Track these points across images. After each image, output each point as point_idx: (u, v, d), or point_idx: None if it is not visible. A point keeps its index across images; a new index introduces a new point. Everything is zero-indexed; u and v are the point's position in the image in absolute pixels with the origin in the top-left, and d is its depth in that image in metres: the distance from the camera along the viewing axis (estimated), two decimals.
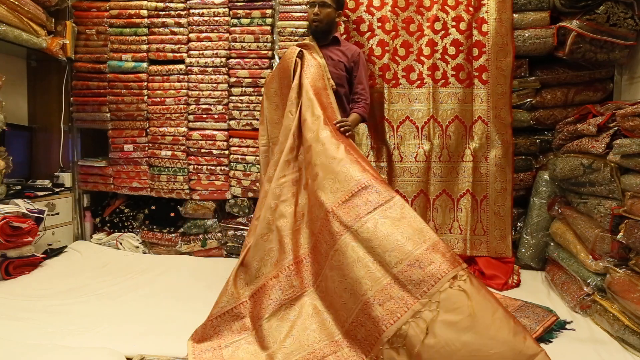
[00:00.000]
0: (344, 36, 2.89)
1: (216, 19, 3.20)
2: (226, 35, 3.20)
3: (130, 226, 3.38)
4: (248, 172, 3.19)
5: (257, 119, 3.20)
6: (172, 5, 3.26)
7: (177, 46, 3.26)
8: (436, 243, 1.63)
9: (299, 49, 2.35)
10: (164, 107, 3.28)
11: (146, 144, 3.33)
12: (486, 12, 2.87)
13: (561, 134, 2.62)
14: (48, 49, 3.11)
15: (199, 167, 3.25)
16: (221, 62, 3.21)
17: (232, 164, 3.23)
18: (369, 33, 2.90)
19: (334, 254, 1.72)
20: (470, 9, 2.86)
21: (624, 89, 2.87)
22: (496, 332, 1.42)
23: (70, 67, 3.37)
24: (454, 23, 2.88)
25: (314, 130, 2.01)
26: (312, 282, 1.82)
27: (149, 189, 3.34)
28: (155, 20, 3.27)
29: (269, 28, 3.15)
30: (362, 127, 2.92)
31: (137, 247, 3.28)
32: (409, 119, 2.93)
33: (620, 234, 1.91)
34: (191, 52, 3.24)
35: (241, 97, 3.20)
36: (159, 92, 3.28)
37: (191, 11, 3.24)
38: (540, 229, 2.79)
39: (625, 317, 1.85)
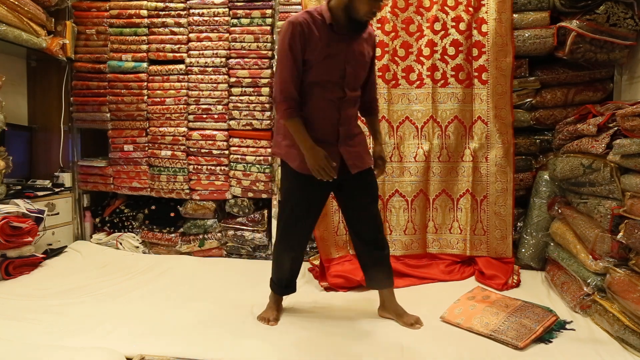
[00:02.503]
0: None
1: (216, 19, 3.20)
2: (226, 35, 3.20)
3: (130, 226, 3.38)
4: (248, 172, 3.19)
5: (257, 119, 3.20)
6: (172, 5, 3.26)
7: (177, 46, 3.26)
8: None
9: None
10: (164, 107, 3.28)
11: (146, 144, 3.33)
12: (486, 12, 2.87)
13: (561, 134, 2.62)
14: (48, 49, 3.11)
15: (199, 167, 3.25)
16: (221, 62, 3.20)
17: (232, 164, 3.23)
18: None
19: None
20: (470, 9, 2.86)
21: (624, 89, 2.87)
22: None
23: (70, 67, 3.37)
24: (453, 23, 2.88)
25: None
26: None
27: (149, 189, 3.34)
28: (155, 20, 3.27)
29: (269, 28, 3.15)
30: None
31: (137, 247, 3.28)
32: (409, 119, 2.93)
33: (620, 234, 1.91)
34: (191, 52, 3.24)
35: (241, 97, 3.19)
36: (159, 92, 3.28)
37: (191, 11, 3.24)
38: (540, 229, 2.79)
39: (625, 317, 1.85)
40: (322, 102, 1.94)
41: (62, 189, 3.29)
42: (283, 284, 2.18)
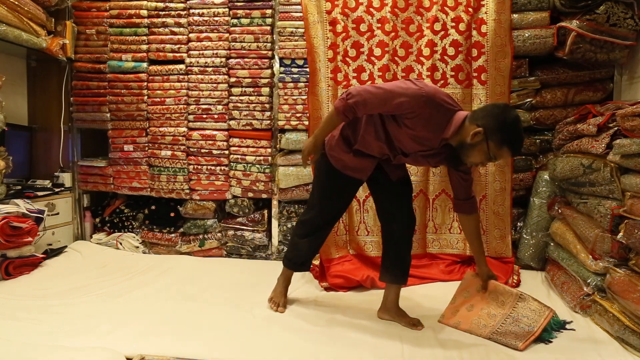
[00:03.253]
0: (343, 34, 2.89)
1: (216, 19, 3.20)
2: (226, 35, 3.20)
3: (130, 226, 3.38)
4: (248, 172, 3.19)
5: (257, 119, 3.20)
6: (172, 5, 3.26)
7: (177, 46, 3.26)
8: None
9: None
10: (164, 107, 3.28)
11: (146, 144, 3.33)
12: (485, 12, 2.87)
13: (561, 134, 2.62)
14: (48, 49, 3.11)
15: (199, 167, 3.25)
16: (221, 62, 3.21)
17: (232, 164, 3.23)
18: (368, 33, 2.90)
19: None
20: (470, 9, 2.86)
21: (624, 89, 2.87)
22: None
23: (70, 67, 3.37)
24: (453, 24, 2.88)
25: None
26: None
27: (149, 189, 3.34)
28: (155, 20, 3.27)
29: (269, 28, 3.15)
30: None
31: (137, 247, 3.28)
32: None
33: (620, 234, 1.91)
34: (191, 52, 3.24)
35: (241, 97, 3.20)
36: (159, 92, 3.28)
37: (191, 11, 3.24)
38: (540, 229, 2.79)
39: (625, 317, 1.85)
40: (377, 148, 1.97)
41: (62, 189, 3.29)
42: (299, 261, 2.26)
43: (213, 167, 3.24)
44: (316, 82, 2.90)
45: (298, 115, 3.09)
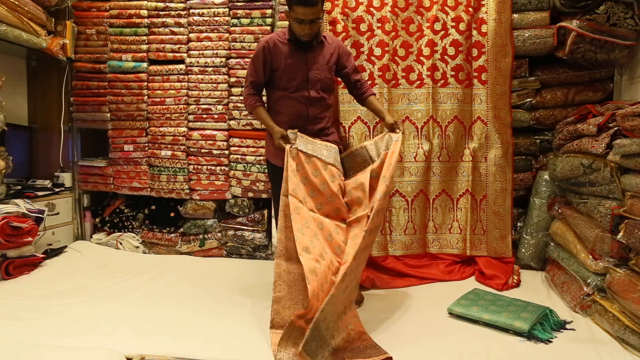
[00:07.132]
0: (343, 34, 2.89)
1: (216, 19, 3.20)
2: (226, 35, 3.20)
3: (130, 226, 3.38)
4: (248, 172, 3.19)
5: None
6: (172, 5, 3.26)
7: (177, 46, 3.26)
8: None
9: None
10: (164, 107, 3.28)
11: (146, 144, 3.33)
12: (485, 12, 2.87)
13: (561, 134, 2.62)
14: (48, 49, 3.11)
15: (199, 167, 3.25)
16: (221, 62, 3.21)
17: (232, 164, 3.23)
18: (368, 33, 2.90)
19: None
20: (470, 9, 2.86)
21: (624, 89, 2.87)
22: None
23: (70, 67, 3.37)
24: (453, 23, 2.88)
25: None
26: None
27: (149, 189, 3.34)
28: (155, 20, 3.27)
29: (269, 28, 3.15)
30: (362, 127, 2.92)
31: (137, 247, 3.28)
32: (409, 119, 2.93)
33: (620, 234, 1.92)
34: (191, 52, 3.24)
35: (241, 97, 3.20)
36: (159, 92, 3.28)
37: (191, 11, 3.24)
38: (540, 229, 2.79)
39: (625, 317, 1.85)
40: (291, 101, 2.32)
41: (62, 189, 3.29)
42: None
43: (213, 167, 3.24)
44: None
45: None
